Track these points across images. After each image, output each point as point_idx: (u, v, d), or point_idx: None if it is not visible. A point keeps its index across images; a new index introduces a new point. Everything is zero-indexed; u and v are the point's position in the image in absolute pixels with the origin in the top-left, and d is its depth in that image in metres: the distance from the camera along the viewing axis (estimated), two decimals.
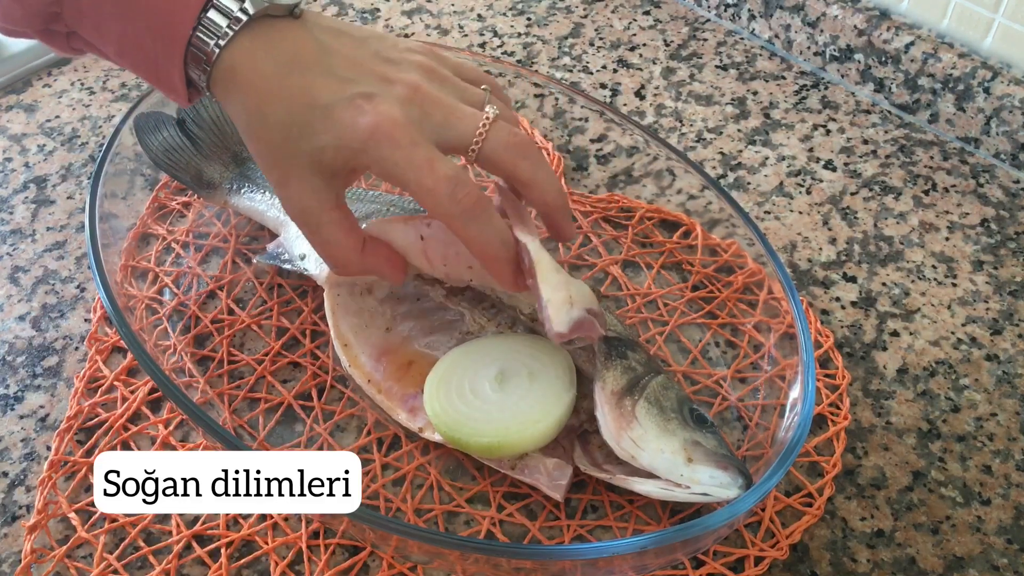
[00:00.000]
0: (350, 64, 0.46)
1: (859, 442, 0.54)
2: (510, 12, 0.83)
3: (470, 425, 0.48)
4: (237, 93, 0.45)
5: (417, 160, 0.44)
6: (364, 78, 0.46)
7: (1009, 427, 0.55)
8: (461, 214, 0.44)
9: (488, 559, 0.43)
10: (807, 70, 0.78)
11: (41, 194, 0.66)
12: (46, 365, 0.56)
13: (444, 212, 0.44)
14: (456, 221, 0.44)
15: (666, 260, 0.63)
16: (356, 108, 0.44)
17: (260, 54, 0.45)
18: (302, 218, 0.47)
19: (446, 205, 0.44)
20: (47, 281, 0.61)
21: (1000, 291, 0.62)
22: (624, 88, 0.76)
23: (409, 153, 0.44)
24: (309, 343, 0.57)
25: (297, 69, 0.45)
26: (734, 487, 0.46)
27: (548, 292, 0.45)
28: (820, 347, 0.58)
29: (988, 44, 0.70)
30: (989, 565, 0.49)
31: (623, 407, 0.48)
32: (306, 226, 0.47)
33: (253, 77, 0.45)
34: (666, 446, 0.46)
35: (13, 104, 0.73)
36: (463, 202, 0.44)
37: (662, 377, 0.50)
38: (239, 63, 0.45)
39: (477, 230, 0.45)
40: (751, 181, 0.69)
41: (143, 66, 0.47)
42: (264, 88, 0.45)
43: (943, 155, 0.72)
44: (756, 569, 0.49)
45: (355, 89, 0.45)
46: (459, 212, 0.44)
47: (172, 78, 0.46)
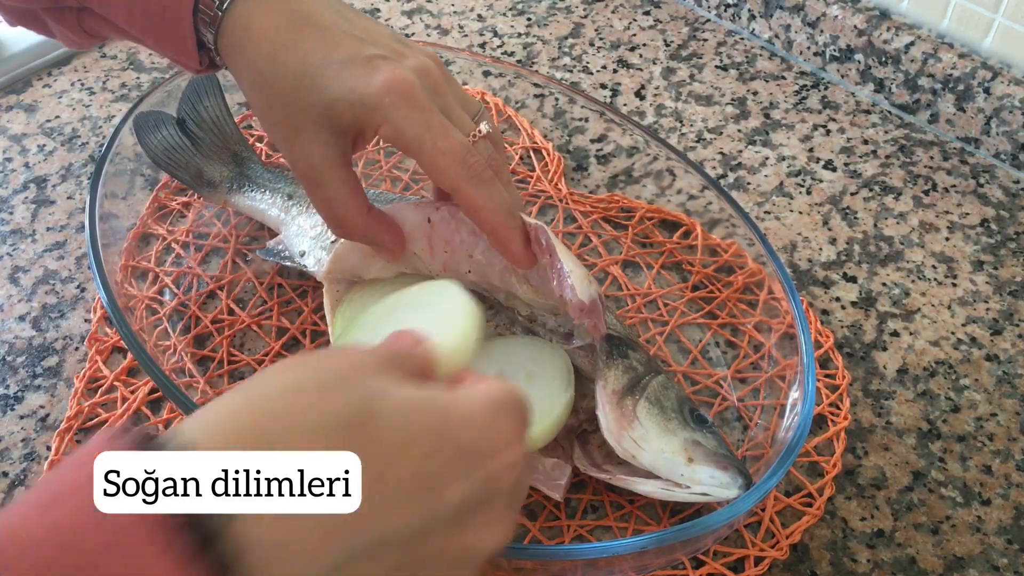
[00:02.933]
0: (366, 31, 0.46)
1: (859, 442, 0.54)
2: (510, 12, 0.83)
3: None
4: (249, 45, 0.44)
5: (434, 123, 0.43)
6: (380, 44, 0.45)
7: (1009, 427, 0.55)
8: (472, 178, 0.44)
9: (488, 559, 0.42)
10: (807, 70, 0.78)
11: (41, 194, 0.66)
12: (46, 365, 0.56)
13: (455, 175, 0.44)
14: (467, 185, 0.44)
15: (666, 260, 0.63)
16: (373, 66, 0.44)
17: (276, 8, 0.44)
18: (308, 174, 0.46)
19: (457, 169, 0.44)
20: (47, 281, 0.61)
21: (1000, 291, 0.62)
22: (624, 88, 0.76)
23: (426, 116, 0.43)
24: (309, 343, 0.57)
25: (315, 26, 0.44)
26: (734, 487, 0.46)
27: (571, 265, 0.46)
28: (820, 347, 0.58)
29: (988, 44, 0.70)
30: (989, 565, 0.49)
31: (624, 406, 0.48)
32: (311, 183, 0.46)
33: (267, 29, 0.44)
34: (666, 446, 0.46)
35: (13, 104, 0.73)
36: (474, 167, 0.44)
37: (663, 377, 0.50)
38: (253, 14, 0.44)
39: (487, 196, 0.44)
40: (751, 181, 0.69)
41: (152, 30, 0.46)
42: (278, 39, 0.44)
43: (943, 155, 0.72)
44: (756, 569, 0.49)
45: (372, 51, 0.44)
46: (470, 176, 0.44)
47: (183, 36, 0.45)
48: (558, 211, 0.65)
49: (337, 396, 0.28)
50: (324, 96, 0.44)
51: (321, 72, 0.44)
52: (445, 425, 0.30)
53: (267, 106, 0.46)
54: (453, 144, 0.44)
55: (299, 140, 0.45)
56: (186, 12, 0.44)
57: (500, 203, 0.45)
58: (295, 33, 0.44)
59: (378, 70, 0.44)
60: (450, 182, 0.44)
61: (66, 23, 0.48)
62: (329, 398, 0.28)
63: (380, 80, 0.43)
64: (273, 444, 0.27)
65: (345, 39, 0.44)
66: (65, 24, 0.48)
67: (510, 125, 0.71)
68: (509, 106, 0.72)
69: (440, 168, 0.44)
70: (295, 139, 0.45)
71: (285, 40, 0.44)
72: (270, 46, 0.44)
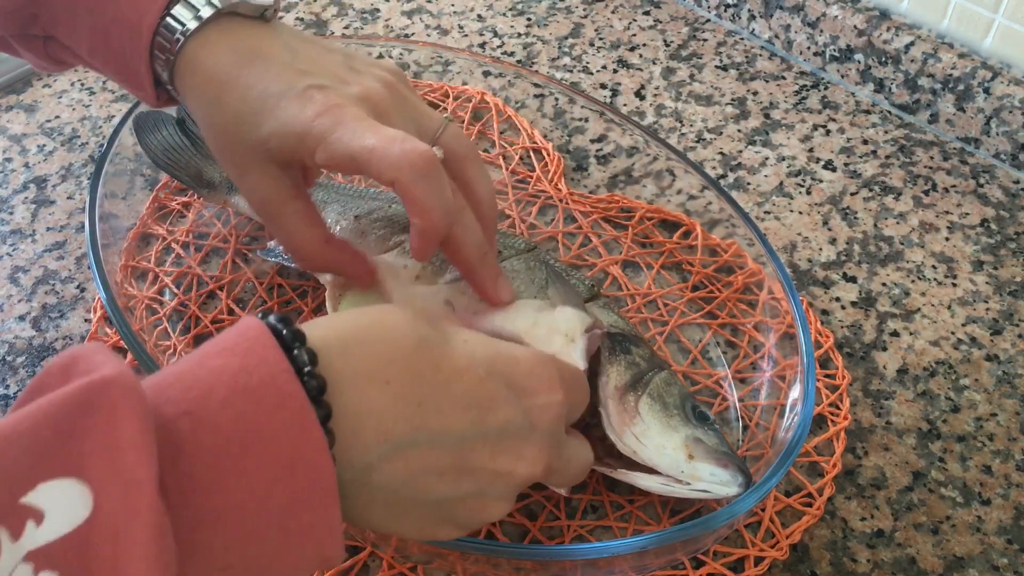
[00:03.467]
0: (312, 63, 0.45)
1: (859, 442, 0.54)
2: (510, 12, 0.83)
3: None
4: (196, 84, 0.45)
5: (361, 128, 0.41)
6: (321, 74, 0.45)
7: (1009, 427, 0.55)
8: (409, 169, 0.40)
9: (488, 559, 0.43)
10: (807, 70, 0.78)
11: (41, 194, 0.66)
12: None
13: (390, 167, 0.40)
14: (404, 177, 0.40)
15: (666, 260, 0.63)
16: (306, 97, 0.43)
17: (223, 46, 0.45)
18: (263, 208, 0.46)
19: (392, 159, 0.40)
20: (47, 281, 0.61)
21: (1000, 291, 0.62)
22: (624, 88, 0.76)
23: (354, 126, 0.42)
24: None
25: (257, 61, 0.44)
26: (734, 485, 0.46)
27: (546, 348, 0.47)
28: (820, 347, 0.58)
29: (988, 44, 0.70)
30: (989, 565, 0.49)
31: (626, 402, 0.48)
32: (268, 217, 0.47)
33: (213, 68, 0.45)
34: (668, 442, 0.47)
35: (13, 104, 0.73)
36: (411, 157, 0.40)
37: (665, 373, 0.50)
38: (201, 55, 0.45)
39: (425, 190, 0.41)
40: (751, 181, 0.69)
41: (112, 63, 0.47)
42: (222, 78, 0.44)
43: (943, 155, 0.72)
44: (756, 569, 0.49)
45: (308, 81, 0.44)
46: (407, 167, 0.40)
47: (139, 73, 0.46)
48: (558, 211, 0.65)
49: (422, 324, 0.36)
50: (261, 131, 0.44)
51: (259, 107, 0.44)
52: (498, 358, 0.37)
53: (216, 144, 0.46)
54: (383, 138, 0.41)
55: (248, 176, 0.45)
56: (143, 52, 0.45)
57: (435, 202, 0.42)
58: (238, 70, 0.44)
59: (311, 100, 0.43)
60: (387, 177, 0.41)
61: (33, 50, 0.49)
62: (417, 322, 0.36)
63: (311, 110, 0.43)
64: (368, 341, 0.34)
65: (284, 72, 0.44)
66: (32, 50, 0.49)
67: (510, 125, 0.71)
68: (509, 106, 0.72)
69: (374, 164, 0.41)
70: (245, 175, 0.46)
71: (229, 78, 0.44)
72: (216, 85, 0.44)
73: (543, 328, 0.48)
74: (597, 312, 0.52)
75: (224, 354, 0.30)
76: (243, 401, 0.29)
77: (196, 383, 0.29)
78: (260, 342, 0.31)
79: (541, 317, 0.49)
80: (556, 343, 0.47)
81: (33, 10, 0.46)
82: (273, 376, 0.30)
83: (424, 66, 0.74)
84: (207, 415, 0.29)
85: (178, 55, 0.45)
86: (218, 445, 0.29)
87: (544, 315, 0.49)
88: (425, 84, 0.73)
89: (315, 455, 0.30)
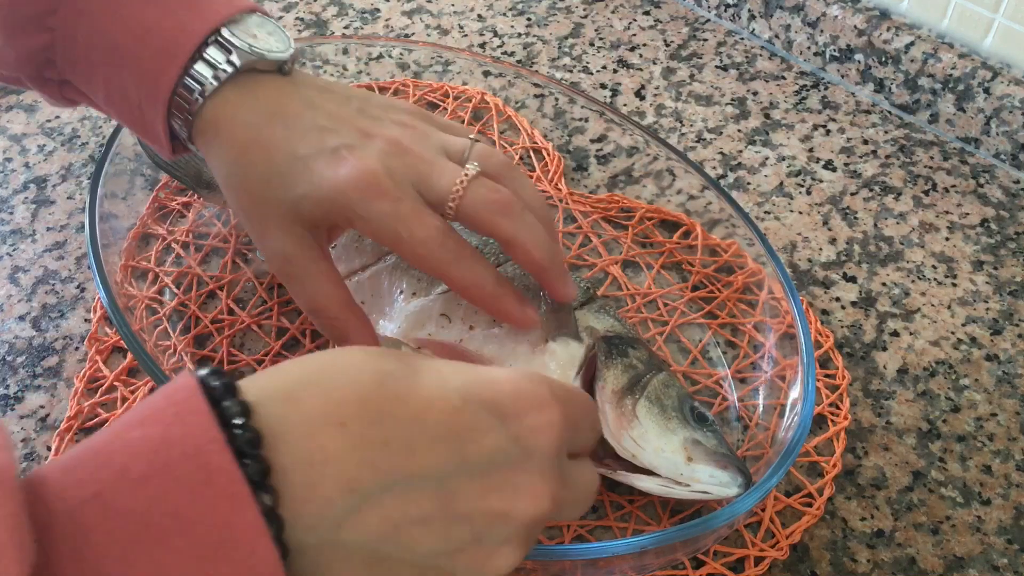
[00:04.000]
0: (332, 118, 0.46)
1: (859, 442, 0.54)
2: (510, 12, 0.83)
3: None
4: (219, 144, 0.45)
5: (404, 212, 0.43)
6: (345, 130, 0.45)
7: (1009, 427, 0.55)
8: (454, 260, 0.44)
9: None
10: (807, 70, 0.78)
11: (41, 194, 0.66)
12: (46, 365, 0.56)
13: (437, 260, 0.44)
14: (450, 268, 0.44)
15: (666, 260, 0.63)
16: (337, 158, 0.44)
17: (244, 106, 0.45)
18: (286, 268, 0.46)
19: (438, 254, 0.43)
20: (47, 281, 0.61)
21: (1000, 291, 0.62)
22: (624, 88, 0.76)
23: (395, 207, 0.43)
24: (309, 343, 0.57)
25: (280, 120, 0.44)
26: (733, 486, 0.46)
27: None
28: (820, 347, 0.58)
29: (988, 44, 0.70)
30: (989, 565, 0.49)
31: (624, 406, 0.48)
32: (289, 276, 0.46)
33: (235, 128, 0.44)
34: (666, 445, 0.47)
35: (13, 104, 0.73)
36: (455, 249, 0.44)
37: (664, 375, 0.50)
38: (222, 114, 0.44)
39: (471, 273, 0.44)
40: (751, 181, 0.69)
41: (128, 115, 0.47)
42: (245, 138, 0.44)
43: (943, 155, 0.72)
44: (756, 569, 0.49)
45: (336, 141, 0.44)
46: (452, 258, 0.44)
47: (156, 129, 0.46)
48: (558, 211, 0.65)
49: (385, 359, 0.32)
50: (291, 193, 0.44)
51: (287, 170, 0.44)
52: (475, 383, 0.32)
53: (239, 203, 0.46)
54: (429, 231, 0.43)
55: (272, 236, 0.45)
56: (161, 109, 0.45)
57: (484, 275, 0.45)
58: (261, 132, 0.44)
59: (341, 163, 0.43)
60: (432, 269, 0.44)
61: (47, 91, 0.49)
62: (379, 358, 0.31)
63: (344, 176, 0.43)
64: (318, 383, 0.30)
65: (310, 132, 0.44)
66: (46, 91, 0.49)
67: (510, 125, 0.71)
68: (509, 106, 0.72)
69: (421, 257, 0.44)
70: (268, 235, 0.45)
71: (252, 139, 0.44)
72: (238, 146, 0.44)
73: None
74: (591, 319, 0.51)
75: (145, 423, 0.26)
76: (161, 479, 0.25)
77: (109, 461, 0.26)
78: (187, 406, 0.26)
79: (533, 366, 0.49)
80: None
81: (50, 56, 0.46)
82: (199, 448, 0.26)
83: (424, 66, 0.74)
84: (118, 498, 0.25)
85: (198, 114, 0.44)
86: (130, 533, 0.25)
87: (536, 361, 0.49)
88: (425, 84, 0.73)
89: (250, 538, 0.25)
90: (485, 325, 0.50)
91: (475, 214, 0.45)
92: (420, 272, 0.53)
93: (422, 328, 0.51)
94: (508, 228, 0.45)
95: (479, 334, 0.50)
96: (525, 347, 0.49)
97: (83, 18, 0.45)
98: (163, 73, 0.44)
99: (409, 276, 0.53)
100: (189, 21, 0.44)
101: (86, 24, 0.45)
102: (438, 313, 0.51)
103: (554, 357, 0.49)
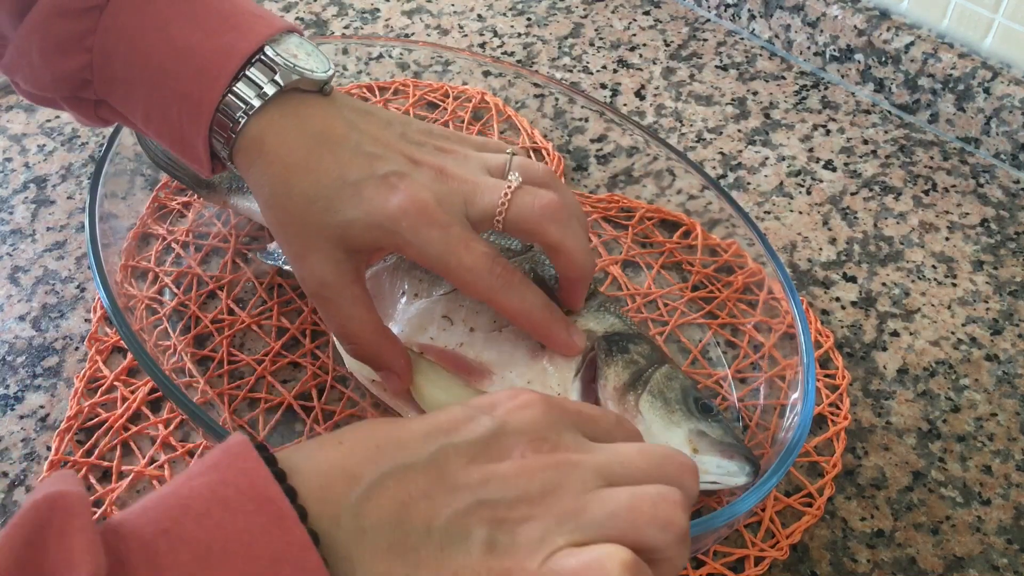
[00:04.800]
0: (378, 143, 0.46)
1: (859, 442, 0.54)
2: (510, 12, 0.83)
3: None
4: (263, 164, 0.45)
5: (453, 241, 0.44)
6: (393, 157, 0.46)
7: (1009, 427, 0.55)
8: (503, 287, 0.45)
9: None
10: (807, 70, 0.78)
11: (41, 194, 0.66)
12: (46, 365, 0.56)
13: (486, 287, 0.45)
14: (499, 295, 0.45)
15: (666, 260, 0.63)
16: (388, 185, 0.44)
17: (288, 127, 0.45)
18: (320, 292, 0.46)
19: (487, 280, 0.45)
20: (47, 281, 0.61)
21: (1000, 291, 0.62)
22: (624, 88, 0.76)
23: (445, 234, 0.44)
24: (309, 343, 0.57)
25: (326, 144, 0.45)
26: (741, 475, 0.46)
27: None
28: (820, 347, 0.58)
29: (988, 44, 0.70)
30: (989, 565, 0.49)
31: (626, 403, 0.48)
32: (323, 300, 0.46)
33: (280, 149, 0.45)
34: (671, 438, 0.47)
35: (13, 104, 0.73)
36: (502, 275, 0.45)
37: (666, 368, 0.49)
38: (267, 134, 0.45)
39: (519, 299, 0.46)
40: (751, 181, 0.69)
41: (168, 135, 0.47)
42: (291, 160, 0.45)
43: (943, 155, 0.72)
44: (756, 569, 0.49)
45: (385, 168, 0.45)
46: (501, 285, 0.45)
47: (196, 147, 0.46)
48: None
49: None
50: (339, 217, 0.44)
51: (335, 194, 0.44)
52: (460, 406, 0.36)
53: (279, 223, 0.46)
54: (478, 258, 0.44)
55: (311, 258, 0.45)
56: (203, 128, 0.45)
57: (533, 302, 0.46)
58: (308, 154, 0.45)
59: (394, 190, 0.44)
60: (481, 295, 0.45)
61: (82, 111, 0.49)
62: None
63: (395, 203, 0.44)
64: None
65: (357, 157, 0.45)
66: (81, 111, 0.49)
67: (510, 125, 0.71)
68: (509, 106, 0.72)
69: (469, 283, 0.45)
70: (307, 256, 0.45)
71: (298, 161, 0.44)
72: (283, 167, 0.45)
73: (536, 389, 0.48)
74: (589, 320, 0.51)
75: (207, 471, 0.30)
76: (221, 512, 0.29)
77: (177, 501, 0.30)
78: (241, 456, 0.31)
79: (532, 371, 0.49)
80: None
81: (87, 76, 0.46)
82: (252, 484, 0.30)
83: (424, 66, 0.74)
84: (184, 531, 0.29)
85: (240, 134, 0.44)
86: (196, 557, 0.28)
87: (535, 366, 0.49)
88: (425, 84, 0.73)
89: (298, 551, 0.29)
90: (486, 328, 0.50)
91: (523, 222, 0.46)
92: (421, 273, 0.53)
93: (424, 331, 0.51)
94: (556, 233, 0.46)
95: (480, 336, 0.50)
96: (524, 352, 0.49)
97: (123, 39, 0.45)
98: (207, 92, 0.44)
99: (410, 277, 0.53)
100: (232, 40, 0.44)
101: (126, 45, 0.45)
102: (440, 315, 0.51)
103: (553, 361, 0.49)
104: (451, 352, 0.50)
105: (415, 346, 0.51)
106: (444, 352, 0.50)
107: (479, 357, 0.50)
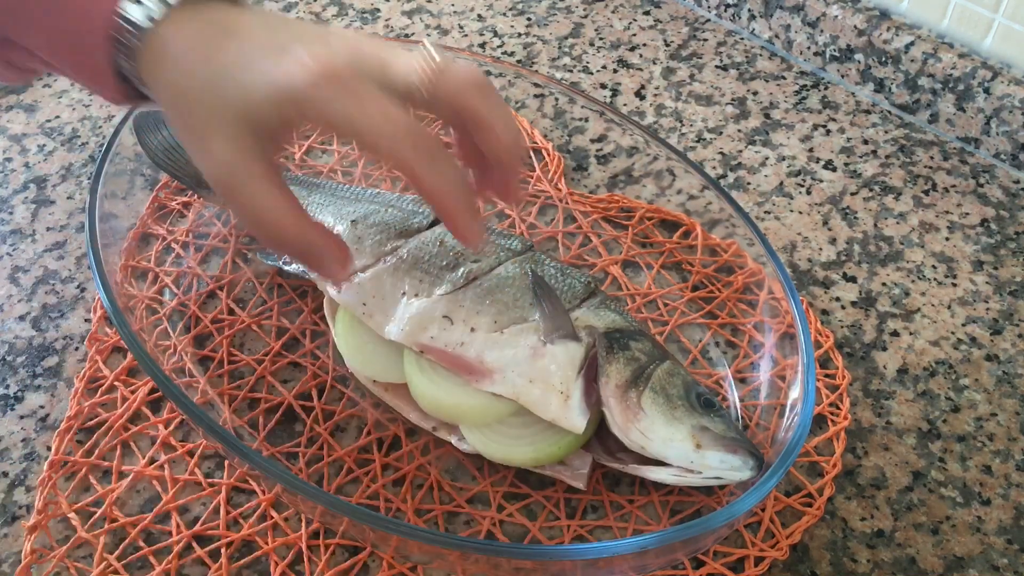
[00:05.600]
0: (291, 34, 0.43)
1: (859, 442, 0.54)
2: (510, 12, 0.83)
3: (515, 445, 0.50)
4: (166, 66, 0.42)
5: (370, 108, 0.40)
6: (304, 36, 0.42)
7: (1009, 427, 0.55)
8: (423, 159, 0.41)
9: (488, 559, 0.43)
10: (807, 70, 0.78)
11: (41, 194, 0.66)
12: (46, 365, 0.56)
13: (405, 158, 0.41)
14: (418, 167, 0.41)
15: (666, 260, 0.63)
16: (293, 55, 0.41)
17: (193, 26, 0.42)
18: (226, 180, 0.41)
19: (407, 152, 0.40)
20: (47, 281, 0.61)
21: (1000, 291, 0.62)
22: (624, 88, 0.76)
23: (360, 101, 0.40)
24: (309, 343, 0.57)
25: (232, 35, 0.42)
26: (745, 469, 0.46)
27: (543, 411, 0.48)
28: (820, 347, 0.58)
29: (988, 44, 0.70)
30: (989, 565, 0.49)
31: (628, 399, 0.48)
32: (230, 188, 0.42)
33: (185, 48, 0.42)
34: (674, 434, 0.47)
35: (13, 104, 0.73)
36: (423, 146, 0.41)
37: (668, 364, 0.50)
38: (169, 38, 0.42)
39: (439, 174, 0.41)
40: (751, 181, 0.69)
41: (71, 59, 0.44)
42: (195, 54, 0.42)
43: (943, 155, 0.72)
44: (756, 569, 0.49)
45: (295, 44, 0.41)
46: (421, 157, 0.40)
47: (100, 66, 0.43)
48: (558, 211, 0.65)
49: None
50: (240, 91, 0.41)
51: (237, 69, 0.41)
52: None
53: (179, 116, 0.43)
54: (398, 127, 0.40)
55: (213, 143, 0.41)
56: (102, 42, 0.42)
57: (451, 180, 0.42)
58: (210, 46, 0.42)
59: (298, 59, 0.40)
60: (401, 167, 0.41)
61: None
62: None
63: (304, 71, 0.40)
64: None
65: (265, 40, 0.42)
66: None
67: None
68: (509, 106, 0.72)
69: (387, 154, 0.41)
70: (209, 143, 0.42)
71: (203, 53, 0.42)
72: (187, 62, 0.42)
73: (538, 387, 0.48)
74: (590, 317, 0.51)
75: None
76: None
77: None
78: None
79: (534, 370, 0.49)
80: (553, 405, 0.48)
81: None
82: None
83: None
84: None
85: (144, 41, 0.42)
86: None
87: (537, 364, 0.49)
88: None
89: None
90: (487, 328, 0.50)
91: (452, 94, 0.42)
92: (421, 273, 0.52)
93: (425, 331, 0.51)
94: (483, 107, 0.43)
95: (481, 336, 0.50)
96: (525, 351, 0.49)
97: None
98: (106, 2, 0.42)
99: (411, 277, 0.53)
100: None
101: None
102: (440, 315, 0.51)
103: (554, 359, 0.49)
104: (451, 352, 0.50)
105: (415, 346, 0.51)
106: (445, 352, 0.50)
107: (480, 357, 0.50)
